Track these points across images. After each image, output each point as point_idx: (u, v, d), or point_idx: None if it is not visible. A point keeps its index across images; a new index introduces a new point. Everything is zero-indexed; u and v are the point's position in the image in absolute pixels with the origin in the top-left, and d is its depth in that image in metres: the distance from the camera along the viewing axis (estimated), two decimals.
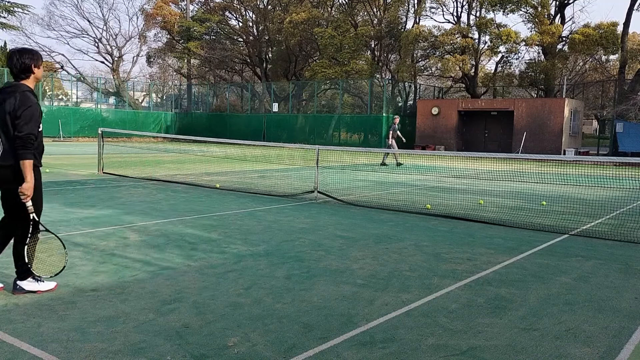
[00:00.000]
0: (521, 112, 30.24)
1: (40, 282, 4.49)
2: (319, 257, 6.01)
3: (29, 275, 4.46)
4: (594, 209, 10.20)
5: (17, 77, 4.35)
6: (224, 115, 41.16)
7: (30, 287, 4.45)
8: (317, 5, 42.49)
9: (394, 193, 12.13)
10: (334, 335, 3.80)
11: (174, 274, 5.18)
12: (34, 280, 4.47)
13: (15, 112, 4.21)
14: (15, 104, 4.23)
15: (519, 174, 16.29)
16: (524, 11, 34.73)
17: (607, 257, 6.36)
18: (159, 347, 3.51)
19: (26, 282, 4.46)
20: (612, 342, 3.82)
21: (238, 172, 16.43)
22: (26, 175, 4.26)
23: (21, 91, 4.29)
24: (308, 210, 9.37)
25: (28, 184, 4.27)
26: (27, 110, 4.21)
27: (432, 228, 7.98)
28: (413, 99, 38.40)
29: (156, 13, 47.84)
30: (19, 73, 4.33)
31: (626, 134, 27.66)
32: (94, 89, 43.97)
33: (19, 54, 4.33)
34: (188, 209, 9.02)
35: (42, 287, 4.49)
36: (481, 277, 5.35)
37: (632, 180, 15.23)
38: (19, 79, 4.35)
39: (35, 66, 4.36)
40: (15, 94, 4.27)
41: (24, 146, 4.21)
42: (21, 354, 3.37)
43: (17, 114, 4.20)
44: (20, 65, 4.31)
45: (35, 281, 4.47)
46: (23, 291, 4.44)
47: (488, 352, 3.58)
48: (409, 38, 35.16)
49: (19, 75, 4.34)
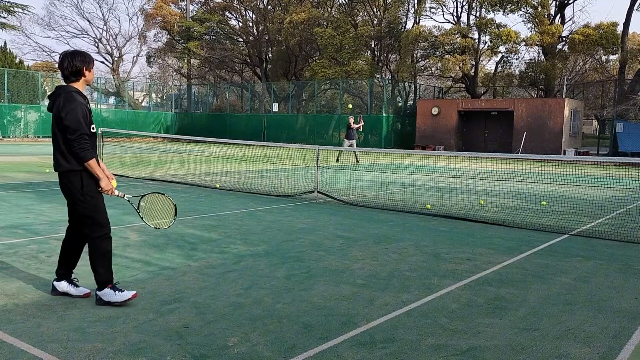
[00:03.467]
0: (521, 112, 30.23)
1: (118, 292, 4.25)
2: (319, 257, 6.01)
3: (107, 285, 4.27)
4: (594, 209, 10.20)
5: (67, 79, 4.23)
6: (224, 116, 41.16)
7: (108, 297, 4.24)
8: (317, 5, 42.49)
9: (394, 193, 12.13)
10: (334, 335, 3.80)
11: (174, 274, 5.18)
12: (112, 291, 4.26)
13: (60, 114, 4.09)
14: (59, 106, 4.10)
15: (519, 174, 16.29)
16: (524, 11, 34.75)
17: (607, 257, 6.36)
18: (159, 347, 3.51)
19: (103, 292, 4.26)
20: (612, 342, 3.82)
21: (238, 172, 16.43)
22: (96, 174, 4.17)
23: (66, 92, 4.16)
24: (308, 210, 9.37)
25: (102, 181, 4.20)
26: (72, 111, 4.07)
27: (432, 228, 7.98)
28: (413, 99, 38.41)
29: (156, 13, 47.86)
30: (70, 75, 4.21)
31: (626, 134, 27.65)
32: (94, 89, 43.94)
33: (71, 56, 4.20)
34: (188, 209, 9.02)
35: (118, 298, 4.23)
36: (481, 277, 5.35)
37: (632, 180, 15.22)
38: (69, 81, 4.23)
39: (86, 69, 4.25)
40: (60, 96, 4.15)
41: (80, 147, 4.07)
42: (21, 354, 3.37)
43: (62, 115, 4.07)
44: (71, 68, 4.18)
45: (112, 292, 4.25)
46: (102, 302, 4.23)
47: (488, 352, 3.58)
48: (409, 38, 35.15)
49: (69, 78, 4.22)
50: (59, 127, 4.15)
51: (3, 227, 7.13)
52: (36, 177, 13.50)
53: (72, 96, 4.15)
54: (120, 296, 4.24)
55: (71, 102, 4.11)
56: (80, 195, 4.20)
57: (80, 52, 4.33)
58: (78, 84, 4.27)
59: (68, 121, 4.06)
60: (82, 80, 4.28)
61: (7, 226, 7.22)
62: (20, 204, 9.12)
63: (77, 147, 4.07)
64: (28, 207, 8.82)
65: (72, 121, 4.07)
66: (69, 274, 4.49)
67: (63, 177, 4.24)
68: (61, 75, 4.28)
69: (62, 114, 4.08)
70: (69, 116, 4.07)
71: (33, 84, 35.51)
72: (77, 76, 4.24)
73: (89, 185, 4.21)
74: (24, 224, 7.42)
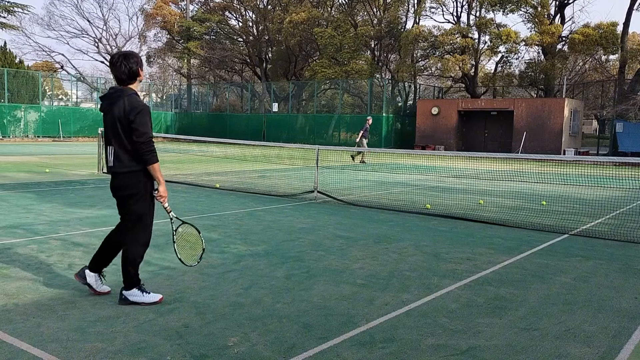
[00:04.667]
0: (521, 112, 30.24)
1: (146, 293, 4.30)
2: (319, 257, 6.01)
3: (135, 286, 4.29)
4: (594, 208, 10.20)
5: (124, 82, 4.20)
6: (224, 115, 41.16)
7: (134, 298, 4.27)
8: (317, 5, 42.48)
9: (394, 193, 12.13)
10: (334, 335, 3.80)
11: (174, 274, 5.18)
12: (140, 292, 4.29)
13: (127, 117, 4.07)
14: (125, 108, 4.09)
15: (519, 174, 16.29)
16: (523, 11, 34.73)
17: (607, 257, 6.36)
18: (159, 347, 3.51)
19: (131, 292, 4.28)
20: (612, 342, 3.82)
21: (238, 172, 16.43)
22: (158, 178, 4.20)
23: (127, 95, 4.15)
24: (308, 210, 9.37)
25: (162, 186, 4.23)
26: (141, 114, 4.09)
27: (432, 228, 7.98)
28: (413, 99, 38.40)
29: (156, 13, 47.85)
30: (128, 79, 4.18)
31: (626, 134, 27.65)
32: (94, 89, 43.96)
33: (125, 59, 4.17)
34: (188, 209, 9.02)
35: (146, 299, 4.28)
36: (481, 277, 5.35)
37: (632, 180, 15.23)
38: (126, 84, 4.20)
39: (140, 69, 4.25)
40: (122, 98, 4.12)
41: (149, 150, 4.11)
42: (21, 354, 3.37)
43: (131, 117, 4.06)
44: (128, 71, 4.16)
45: (141, 293, 4.29)
46: (127, 302, 4.26)
47: (488, 352, 3.58)
48: (409, 38, 35.15)
49: (125, 81, 4.19)
50: (125, 129, 4.12)
51: (3, 227, 7.13)
52: (36, 177, 13.50)
53: (138, 100, 4.17)
54: (149, 298, 4.29)
55: (140, 105, 4.13)
56: (142, 194, 4.23)
57: (132, 53, 4.29)
58: (135, 85, 4.27)
59: (138, 124, 4.08)
60: (137, 82, 4.28)
61: (7, 226, 7.22)
62: (20, 204, 9.12)
63: (146, 150, 4.10)
64: (28, 207, 8.82)
65: (142, 125, 4.09)
66: (100, 269, 4.49)
67: (124, 177, 4.21)
68: (115, 78, 4.22)
69: (131, 117, 4.08)
70: (140, 120, 4.08)
71: (33, 84, 35.50)
72: (134, 78, 4.23)
73: (148, 187, 4.26)
74: (24, 223, 7.42)
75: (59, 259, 5.57)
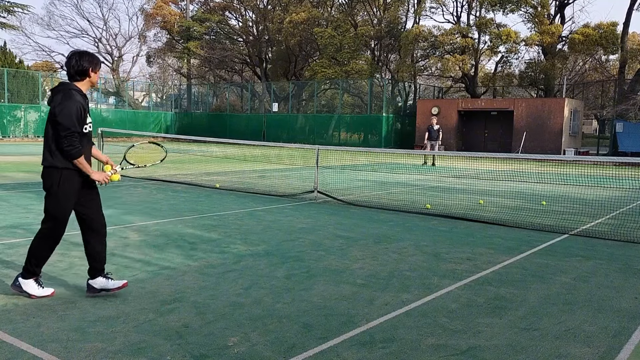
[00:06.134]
0: (521, 112, 30.23)
1: (39, 287, 4.36)
2: (319, 257, 6.01)
3: (31, 277, 4.34)
4: (594, 209, 10.20)
5: (72, 77, 4.26)
6: (223, 115, 41.15)
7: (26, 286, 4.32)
8: (317, 5, 42.47)
9: (394, 193, 12.13)
10: (334, 335, 3.80)
11: (174, 274, 5.18)
12: (35, 283, 4.35)
13: (54, 109, 4.11)
14: (57, 101, 4.13)
15: (519, 174, 16.28)
16: (523, 11, 34.72)
17: (607, 257, 6.36)
18: (159, 347, 3.51)
19: (27, 281, 4.33)
20: (612, 342, 3.82)
21: (238, 172, 16.43)
22: (86, 170, 4.20)
23: (66, 89, 4.18)
24: (308, 210, 9.37)
25: (93, 175, 4.24)
26: (66, 108, 4.08)
27: (432, 228, 7.98)
28: (413, 99, 38.39)
29: (156, 13, 47.85)
30: (75, 74, 4.24)
31: (626, 133, 27.65)
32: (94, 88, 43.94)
33: (79, 56, 4.25)
34: (188, 209, 9.02)
35: (31, 290, 4.32)
36: (481, 277, 5.35)
37: (632, 180, 15.23)
38: (73, 80, 4.26)
39: (92, 70, 4.28)
40: (59, 92, 4.18)
41: (70, 145, 4.10)
42: (21, 354, 3.37)
43: (56, 110, 4.09)
44: (77, 67, 4.22)
45: (36, 284, 4.35)
46: (18, 288, 4.33)
47: (488, 352, 3.58)
48: (409, 38, 35.14)
49: (74, 77, 4.25)
50: (51, 123, 4.17)
51: (3, 227, 7.13)
52: (36, 177, 13.49)
53: (71, 94, 4.17)
54: (36, 290, 4.32)
55: (68, 99, 4.13)
56: (54, 192, 4.23)
57: (88, 53, 4.36)
58: (81, 83, 4.30)
59: (60, 118, 4.09)
60: (86, 81, 4.31)
61: (7, 226, 7.22)
62: (20, 203, 9.12)
63: (67, 145, 4.10)
64: (28, 207, 8.82)
65: (64, 118, 4.09)
66: (101, 270, 4.48)
67: (44, 172, 4.27)
68: (66, 73, 4.31)
69: (56, 110, 4.11)
70: (63, 113, 4.10)
71: (33, 84, 35.50)
72: (82, 76, 4.28)
73: (64, 187, 4.22)
74: (24, 223, 7.42)
75: (59, 259, 5.57)
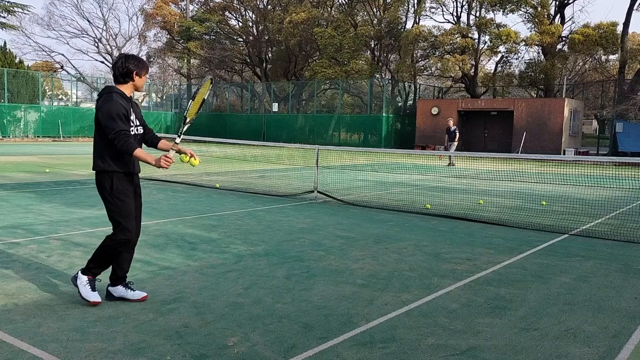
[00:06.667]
0: (521, 112, 30.24)
1: (91, 289, 4.26)
2: (319, 257, 6.01)
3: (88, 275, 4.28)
4: (594, 209, 10.20)
5: (117, 80, 4.26)
6: (223, 115, 41.16)
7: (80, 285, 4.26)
8: (317, 5, 42.47)
9: (394, 193, 12.13)
10: (334, 335, 3.80)
11: (174, 273, 5.18)
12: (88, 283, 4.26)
13: (97, 113, 4.11)
14: (98, 105, 4.12)
15: (519, 174, 16.28)
16: (523, 11, 34.71)
17: (607, 257, 6.36)
18: (159, 347, 3.51)
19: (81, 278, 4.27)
20: (612, 342, 3.82)
21: (238, 172, 16.43)
22: (146, 160, 4.16)
23: (108, 92, 4.17)
24: (308, 210, 9.37)
25: (156, 162, 4.19)
26: (107, 110, 4.05)
27: (432, 228, 7.98)
28: (413, 99, 38.38)
29: (156, 13, 47.87)
30: (119, 76, 4.23)
31: (626, 134, 27.64)
32: (94, 88, 43.99)
33: (126, 58, 4.26)
34: (188, 209, 9.02)
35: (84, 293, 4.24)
36: (481, 277, 5.35)
37: (632, 180, 15.23)
38: (118, 82, 4.26)
39: (137, 74, 4.26)
40: (102, 96, 4.17)
41: (123, 142, 4.04)
42: (21, 354, 3.37)
43: (98, 114, 4.08)
44: (122, 69, 4.20)
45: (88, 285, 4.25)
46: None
47: (488, 352, 3.58)
48: (409, 38, 35.14)
49: (118, 79, 4.24)
50: (97, 127, 4.16)
51: (3, 227, 7.13)
52: (36, 177, 13.50)
53: (111, 97, 4.14)
54: (87, 293, 4.23)
55: (108, 102, 4.11)
56: (109, 196, 4.22)
57: (135, 56, 4.33)
58: (125, 87, 4.27)
59: (104, 121, 4.07)
60: (130, 84, 4.28)
61: (7, 226, 7.22)
62: (20, 204, 9.12)
63: (119, 143, 4.06)
64: (28, 207, 8.82)
65: (107, 121, 4.07)
66: (123, 278, 4.41)
67: (96, 177, 4.27)
68: (112, 75, 4.31)
69: (98, 114, 4.10)
70: (104, 116, 4.07)
71: (33, 84, 35.50)
72: (126, 78, 4.26)
73: (117, 188, 4.21)
74: (24, 224, 7.42)
75: (59, 259, 5.57)
